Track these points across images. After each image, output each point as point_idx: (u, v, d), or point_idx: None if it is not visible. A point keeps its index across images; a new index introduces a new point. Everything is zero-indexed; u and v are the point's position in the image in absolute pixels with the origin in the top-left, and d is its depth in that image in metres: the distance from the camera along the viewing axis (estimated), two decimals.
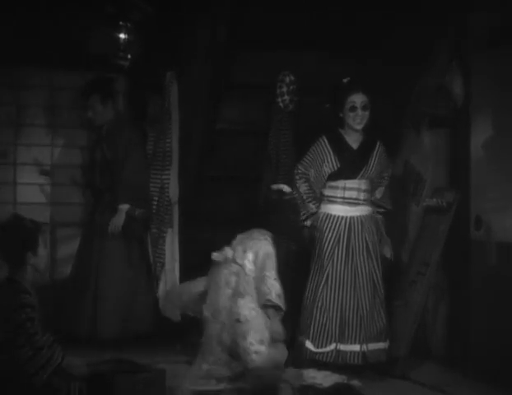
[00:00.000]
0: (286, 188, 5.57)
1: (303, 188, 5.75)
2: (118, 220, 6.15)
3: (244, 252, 5.32)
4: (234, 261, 5.32)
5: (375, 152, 5.72)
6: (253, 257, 5.27)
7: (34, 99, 6.58)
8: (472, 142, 5.90)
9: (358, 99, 5.61)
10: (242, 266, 5.28)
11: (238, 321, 5.15)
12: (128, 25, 6.05)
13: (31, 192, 6.58)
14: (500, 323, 5.52)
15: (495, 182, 5.68)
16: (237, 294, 5.21)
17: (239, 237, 5.45)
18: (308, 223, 5.73)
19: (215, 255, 5.40)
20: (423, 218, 6.10)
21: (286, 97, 6.32)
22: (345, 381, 5.21)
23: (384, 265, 5.74)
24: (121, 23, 6.04)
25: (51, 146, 6.62)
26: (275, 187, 5.68)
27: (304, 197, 5.74)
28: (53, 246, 6.51)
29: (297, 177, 5.77)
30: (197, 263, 6.48)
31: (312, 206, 5.73)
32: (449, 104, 6.02)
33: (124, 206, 6.17)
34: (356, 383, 5.30)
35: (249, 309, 5.16)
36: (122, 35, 6.06)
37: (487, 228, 5.70)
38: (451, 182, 6.08)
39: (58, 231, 6.59)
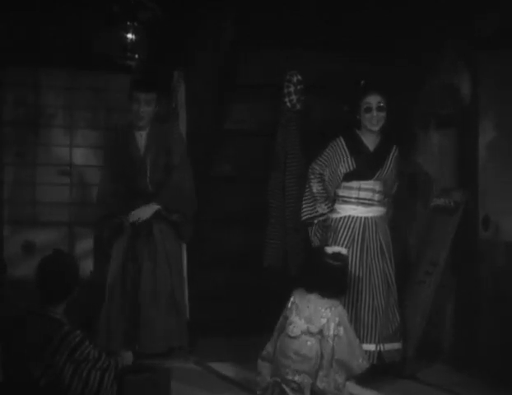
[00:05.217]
0: (343, 250, 5.29)
1: (316, 187, 5.74)
2: (144, 213, 5.83)
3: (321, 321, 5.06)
4: (310, 333, 5.05)
5: (391, 155, 5.72)
6: (334, 327, 5.03)
7: (52, 100, 6.60)
8: (479, 142, 5.89)
9: (373, 100, 5.61)
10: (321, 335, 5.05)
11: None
12: (136, 24, 6.05)
13: (50, 193, 6.60)
14: (509, 324, 5.51)
15: (503, 182, 5.67)
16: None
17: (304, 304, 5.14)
18: (315, 221, 5.73)
19: (291, 332, 5.09)
20: (431, 218, 6.09)
21: (293, 97, 6.32)
22: None
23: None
24: (128, 23, 6.04)
25: (69, 147, 6.64)
26: (329, 250, 5.27)
27: (317, 196, 5.73)
28: (71, 244, 6.54)
29: (312, 176, 5.76)
30: (204, 263, 6.51)
31: (324, 207, 5.72)
32: (457, 104, 6.02)
33: (156, 206, 5.88)
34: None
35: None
36: (129, 35, 6.06)
37: (495, 228, 5.70)
38: (459, 182, 6.07)
39: (76, 230, 6.60)
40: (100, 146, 6.70)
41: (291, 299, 5.20)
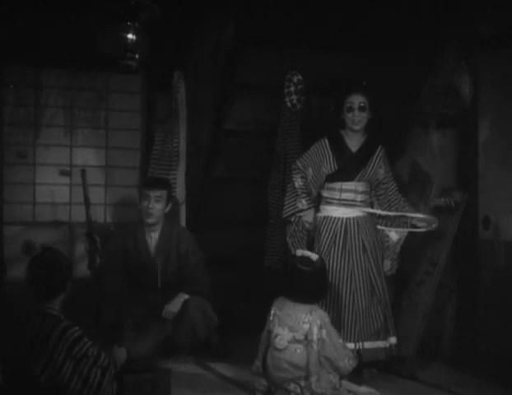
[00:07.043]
0: (313, 256, 5.22)
1: (299, 183, 5.72)
2: (174, 307, 5.89)
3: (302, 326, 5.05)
4: (297, 341, 5.04)
5: (376, 155, 5.69)
6: (317, 331, 5.03)
7: (52, 100, 6.60)
8: (479, 142, 5.90)
9: (356, 99, 5.59)
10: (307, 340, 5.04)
11: None
12: (136, 24, 6.05)
13: (50, 193, 6.60)
14: (509, 323, 5.52)
15: (504, 181, 5.68)
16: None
17: (285, 313, 5.10)
18: (293, 219, 5.72)
19: (278, 344, 5.06)
20: None
21: (293, 97, 6.34)
22: None
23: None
24: (129, 23, 6.04)
25: (70, 147, 6.65)
26: (299, 253, 5.27)
27: (299, 191, 5.72)
28: (71, 244, 6.54)
29: (294, 172, 5.75)
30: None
31: (304, 203, 5.71)
32: (458, 103, 6.01)
33: (184, 296, 5.94)
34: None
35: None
36: (130, 35, 6.05)
37: (495, 227, 5.70)
38: (459, 182, 6.08)
39: (76, 230, 6.60)
40: (100, 146, 6.71)
41: (272, 311, 5.17)
